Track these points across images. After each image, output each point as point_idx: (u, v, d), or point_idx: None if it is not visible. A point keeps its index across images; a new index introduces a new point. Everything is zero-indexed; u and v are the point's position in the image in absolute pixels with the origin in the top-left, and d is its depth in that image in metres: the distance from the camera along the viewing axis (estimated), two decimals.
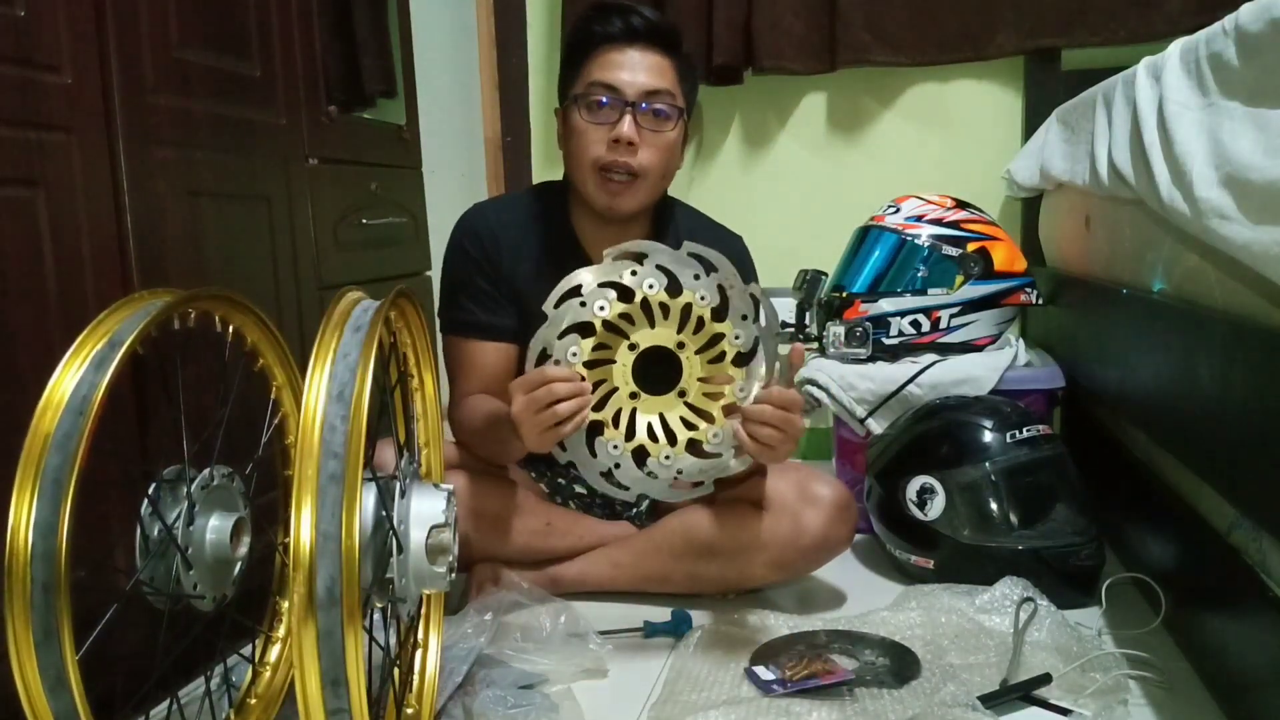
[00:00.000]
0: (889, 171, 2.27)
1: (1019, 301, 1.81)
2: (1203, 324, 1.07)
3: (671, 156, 1.40)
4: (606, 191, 1.37)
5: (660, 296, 1.16)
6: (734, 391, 1.18)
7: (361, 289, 0.98)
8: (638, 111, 1.34)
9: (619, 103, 1.33)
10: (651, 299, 1.16)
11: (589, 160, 1.36)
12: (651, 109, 1.34)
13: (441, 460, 1.19)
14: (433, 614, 1.14)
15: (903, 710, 1.10)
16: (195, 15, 1.27)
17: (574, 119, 1.37)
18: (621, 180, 1.36)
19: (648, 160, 1.36)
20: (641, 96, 1.33)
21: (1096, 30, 2.08)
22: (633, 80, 1.33)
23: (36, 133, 1.03)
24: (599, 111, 1.34)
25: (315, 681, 0.76)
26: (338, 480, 0.77)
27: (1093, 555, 1.43)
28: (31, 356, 1.00)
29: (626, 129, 1.33)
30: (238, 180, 1.36)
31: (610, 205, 1.38)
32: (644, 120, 1.34)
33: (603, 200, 1.38)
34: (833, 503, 1.42)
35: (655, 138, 1.35)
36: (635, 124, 1.33)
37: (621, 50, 1.34)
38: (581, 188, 1.40)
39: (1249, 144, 0.93)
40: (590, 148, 1.35)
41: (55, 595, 0.75)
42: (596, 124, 1.35)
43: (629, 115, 1.33)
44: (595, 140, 1.35)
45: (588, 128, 1.35)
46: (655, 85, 1.34)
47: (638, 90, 1.33)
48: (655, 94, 1.34)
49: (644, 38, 1.34)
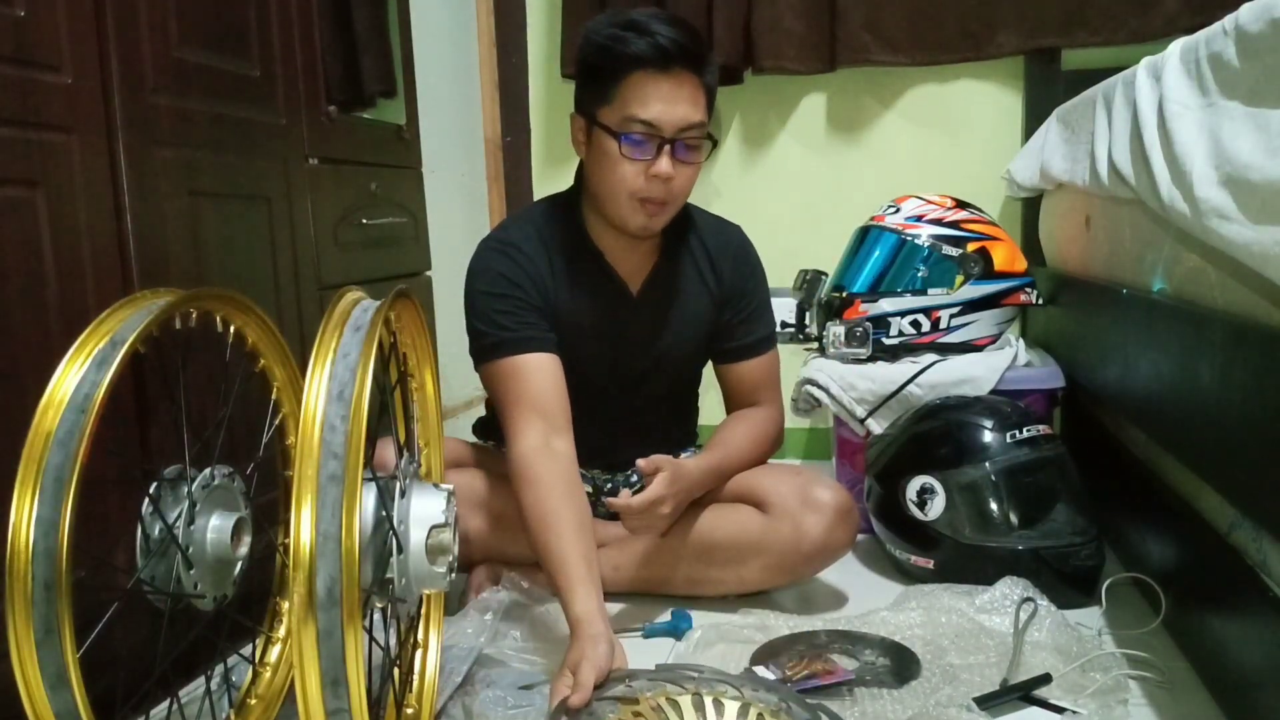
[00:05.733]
0: (889, 171, 2.27)
1: (1019, 301, 1.81)
2: (1203, 324, 1.07)
3: (695, 177, 1.42)
4: (644, 215, 1.39)
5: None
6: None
7: (361, 289, 0.98)
8: (675, 147, 1.34)
9: (656, 138, 1.33)
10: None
11: (625, 191, 1.37)
12: (686, 143, 1.35)
13: (442, 460, 1.19)
14: (433, 614, 1.14)
15: (902, 710, 1.10)
16: (195, 15, 1.27)
17: (607, 146, 1.36)
18: (655, 209, 1.38)
19: (680, 187, 1.39)
20: (677, 132, 1.34)
21: (1096, 30, 2.08)
22: (671, 117, 1.33)
23: (36, 133, 1.03)
24: (637, 148, 1.34)
25: (315, 681, 0.76)
26: (338, 480, 0.77)
27: (1093, 555, 1.43)
28: (31, 356, 1.00)
29: (665, 167, 1.34)
30: (238, 180, 1.36)
31: (646, 227, 1.40)
32: (679, 153, 1.36)
33: (638, 223, 1.40)
34: (834, 508, 1.42)
35: (685, 165, 1.37)
36: (671, 160, 1.34)
37: (655, 80, 1.32)
38: (614, 210, 1.40)
39: (1249, 144, 0.93)
40: (627, 180, 1.36)
41: (56, 593, 0.75)
42: (634, 160, 1.35)
43: (666, 154, 1.34)
44: (632, 174, 1.35)
45: (624, 161, 1.35)
46: (690, 120, 1.34)
47: (674, 127, 1.33)
48: (691, 128, 1.34)
49: (681, 61, 1.32)
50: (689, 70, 1.33)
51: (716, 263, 1.52)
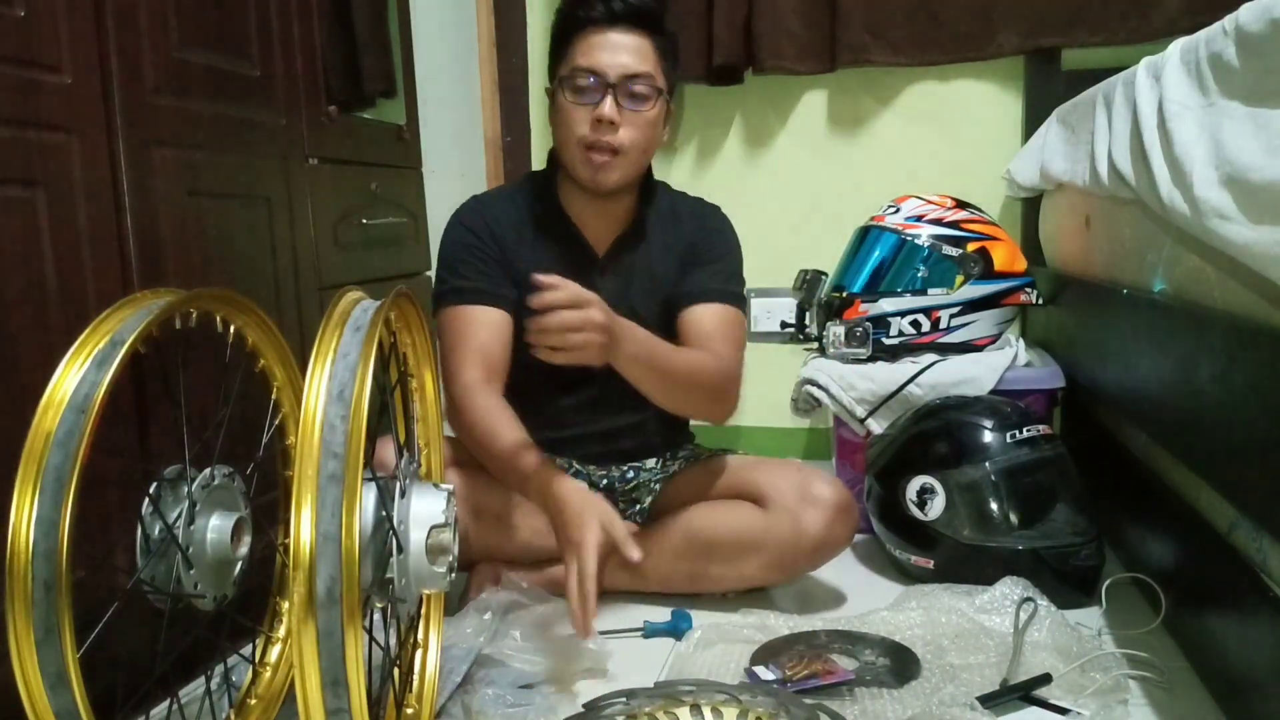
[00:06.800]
0: (889, 171, 2.27)
1: (1019, 301, 1.81)
2: (1203, 324, 1.07)
3: (652, 133, 1.46)
4: (591, 166, 1.43)
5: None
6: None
7: (361, 289, 0.98)
8: (618, 93, 1.40)
9: (600, 85, 1.40)
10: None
11: (574, 139, 1.43)
12: (631, 90, 1.40)
13: (442, 460, 1.19)
14: (433, 614, 1.14)
15: (902, 710, 1.10)
16: (195, 15, 1.27)
17: (560, 100, 1.44)
18: (604, 157, 1.42)
19: (628, 138, 1.42)
20: (621, 79, 1.40)
21: (1096, 30, 2.08)
22: (613, 63, 1.40)
23: (36, 133, 1.03)
24: (582, 93, 1.41)
25: (315, 682, 0.76)
26: (337, 480, 0.77)
27: (1093, 555, 1.43)
28: (31, 356, 1.00)
29: (607, 110, 1.39)
30: (238, 180, 1.36)
31: (594, 179, 1.44)
32: (624, 101, 1.41)
33: (587, 174, 1.44)
34: (834, 503, 1.42)
35: (635, 116, 1.42)
36: (616, 104, 1.40)
37: (603, 33, 1.40)
38: (569, 165, 1.47)
39: (1249, 144, 0.93)
40: (575, 127, 1.42)
41: (56, 593, 0.75)
42: (580, 105, 1.41)
43: (610, 96, 1.40)
44: (579, 120, 1.41)
45: (572, 108, 1.42)
46: (635, 68, 1.40)
47: (618, 73, 1.39)
48: (635, 76, 1.40)
49: (624, 20, 1.40)
50: (637, 28, 1.41)
51: (685, 227, 1.56)
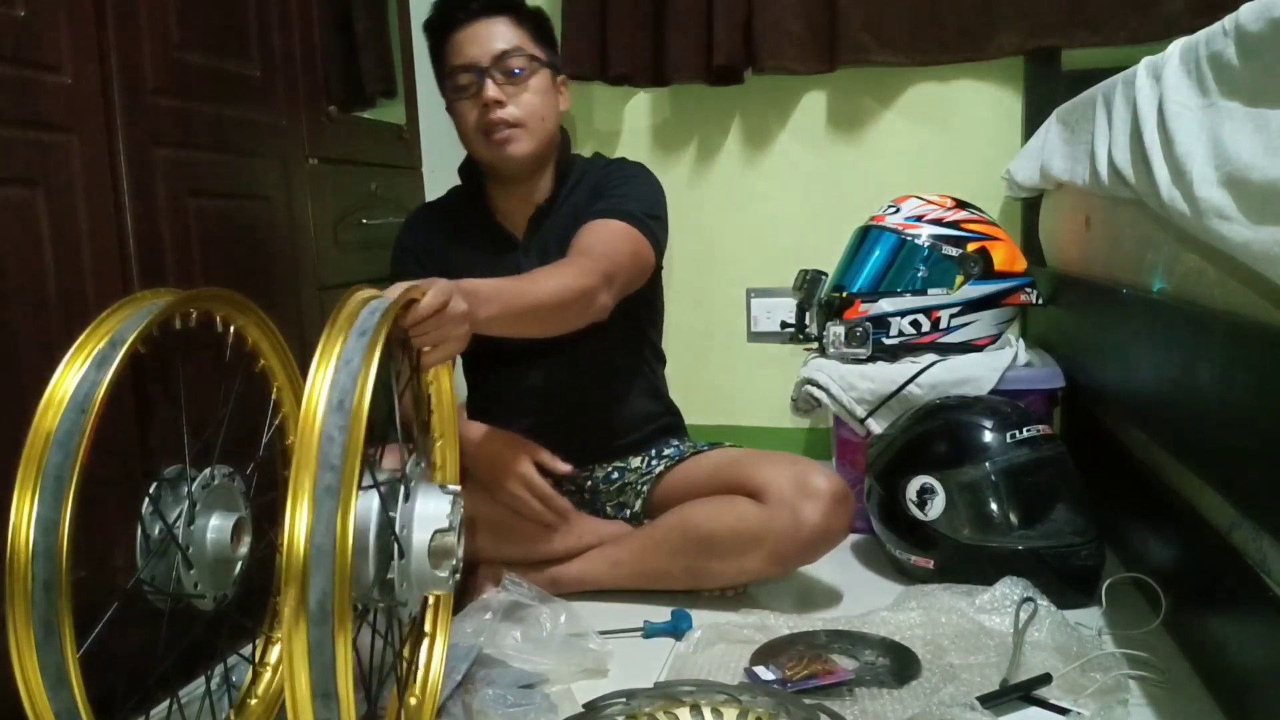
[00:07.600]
0: (889, 171, 2.27)
1: (1019, 301, 1.81)
2: (1203, 324, 1.07)
3: (544, 101, 1.50)
4: (493, 145, 1.48)
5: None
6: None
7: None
8: (495, 73, 1.45)
9: (476, 73, 1.46)
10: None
11: (471, 129, 1.49)
12: (506, 67, 1.46)
13: (457, 455, 1.18)
14: (441, 610, 1.14)
15: (903, 710, 1.10)
16: (195, 15, 1.27)
17: (452, 105, 1.51)
18: (503, 133, 1.47)
19: (520, 110, 1.47)
20: (493, 61, 1.45)
21: (1096, 30, 2.07)
22: (483, 51, 1.45)
23: (36, 133, 1.03)
24: (465, 89, 1.47)
25: (305, 693, 0.75)
26: (333, 493, 0.75)
27: (1093, 555, 1.43)
28: (31, 356, 1.00)
29: (490, 91, 1.45)
30: (238, 180, 1.36)
31: (500, 155, 1.48)
32: (502, 79, 1.46)
33: (492, 153, 1.49)
34: (830, 495, 1.42)
35: (518, 90, 1.47)
36: (495, 85, 1.45)
37: (463, 31, 1.47)
38: (478, 157, 1.53)
39: (1249, 144, 0.92)
40: (467, 118, 1.48)
41: (56, 593, 0.75)
42: (467, 98, 1.47)
43: (488, 80, 1.45)
44: (469, 111, 1.48)
45: (461, 104, 1.49)
46: (502, 47, 1.46)
47: (488, 57, 1.45)
48: (504, 55, 1.46)
49: (481, 12, 1.47)
50: (497, 14, 1.47)
51: (595, 179, 1.57)
